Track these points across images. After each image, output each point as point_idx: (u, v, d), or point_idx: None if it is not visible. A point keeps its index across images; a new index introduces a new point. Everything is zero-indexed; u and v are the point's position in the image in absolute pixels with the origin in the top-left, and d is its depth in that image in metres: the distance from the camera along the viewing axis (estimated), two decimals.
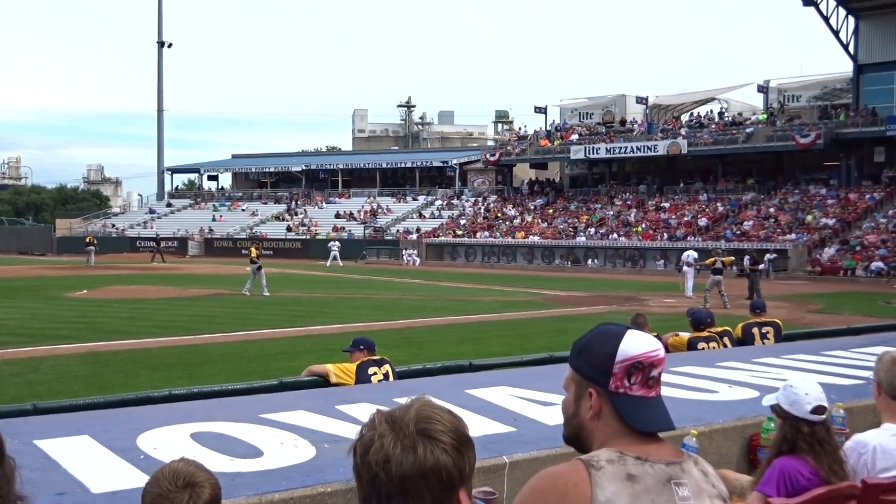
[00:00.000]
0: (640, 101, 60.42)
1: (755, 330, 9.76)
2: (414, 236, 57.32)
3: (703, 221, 49.01)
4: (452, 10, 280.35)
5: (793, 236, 43.99)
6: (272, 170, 77.97)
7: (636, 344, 2.01)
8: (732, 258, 30.26)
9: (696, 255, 31.55)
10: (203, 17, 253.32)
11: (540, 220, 55.92)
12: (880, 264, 38.94)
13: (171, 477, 2.12)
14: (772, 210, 48.51)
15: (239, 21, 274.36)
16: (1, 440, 1.80)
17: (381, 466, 1.65)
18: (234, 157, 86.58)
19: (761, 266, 33.85)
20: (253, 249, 30.66)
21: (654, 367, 2.02)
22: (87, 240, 52.56)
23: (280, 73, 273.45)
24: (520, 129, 72.83)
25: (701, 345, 9.05)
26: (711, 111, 60.09)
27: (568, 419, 2.07)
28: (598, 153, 57.43)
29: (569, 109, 66.24)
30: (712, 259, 27.62)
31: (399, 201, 66.98)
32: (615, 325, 2.09)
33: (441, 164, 70.58)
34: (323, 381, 6.92)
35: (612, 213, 54.13)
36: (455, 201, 64.40)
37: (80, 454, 3.81)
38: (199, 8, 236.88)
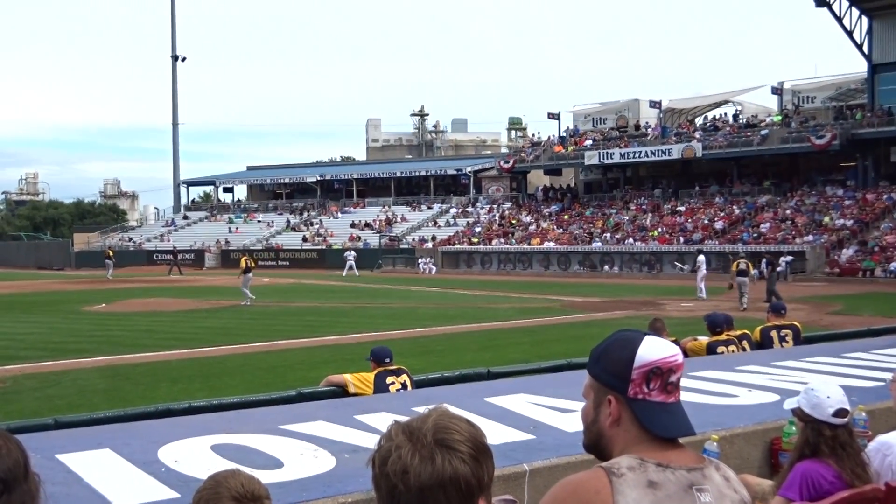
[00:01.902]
0: (654, 105, 60.26)
1: (774, 333, 9.70)
2: (429, 244, 57.34)
3: (719, 225, 48.81)
4: (463, 17, 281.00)
5: (810, 238, 43.73)
6: (287, 181, 78.25)
7: (654, 349, 2.00)
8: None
9: (702, 257, 32.14)
10: (216, 30, 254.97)
11: (555, 227, 55.85)
12: None
13: (238, 490, 2.06)
14: (788, 212, 48.26)
15: (251, 33, 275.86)
16: (25, 455, 1.81)
17: (400, 477, 1.65)
18: (248, 168, 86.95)
19: (778, 268, 33.93)
20: (244, 260, 31.53)
21: (673, 372, 2.00)
22: (107, 253, 53.43)
23: (293, 84, 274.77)
24: (533, 135, 72.76)
25: (720, 348, 9.01)
26: (725, 114, 59.89)
27: (588, 426, 2.07)
28: (612, 158, 57.31)
29: (582, 115, 66.15)
30: (735, 263, 28.04)
31: (414, 210, 67.06)
32: (633, 332, 2.09)
33: (455, 172, 70.64)
34: (341, 392, 6.94)
35: (627, 217, 53.99)
36: (470, 209, 64.40)
37: (101, 468, 3.83)
38: (212, 21, 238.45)
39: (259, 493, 2.09)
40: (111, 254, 53.85)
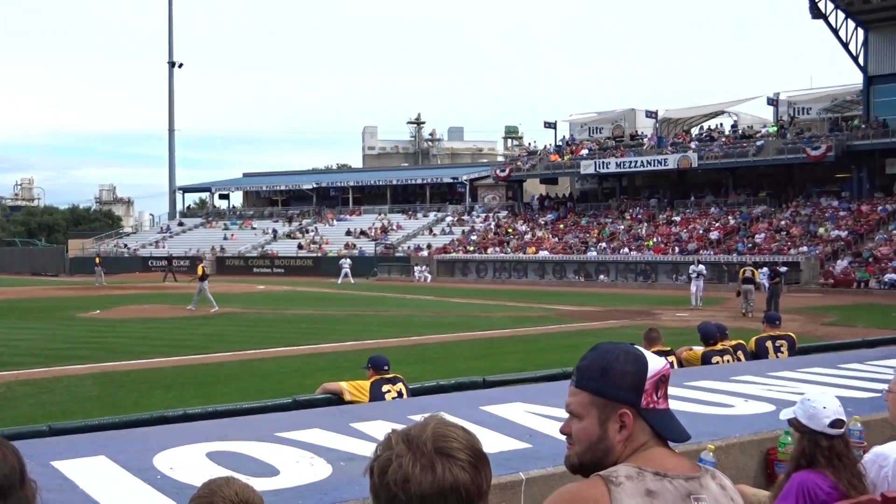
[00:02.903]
0: (650, 115, 60.41)
1: (769, 343, 9.72)
2: (425, 252, 57.34)
3: (714, 235, 48.88)
4: (461, 26, 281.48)
5: (805, 249, 43.82)
6: (283, 188, 78.21)
7: (655, 359, 2.05)
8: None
9: (702, 266, 32.63)
10: (213, 36, 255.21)
11: (550, 235, 55.88)
12: (894, 276, 38.75)
13: (233, 499, 2.07)
14: (783, 223, 48.34)
15: (248, 40, 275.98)
16: (22, 461, 1.80)
17: (401, 486, 1.64)
18: (245, 175, 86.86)
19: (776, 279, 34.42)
20: (201, 267, 32.67)
21: (668, 379, 2.06)
22: (97, 260, 53.33)
23: (290, 91, 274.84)
24: (529, 144, 72.93)
25: (715, 358, 9.05)
26: (721, 124, 60.03)
27: (592, 445, 2.02)
28: (608, 168, 57.40)
29: (578, 124, 66.29)
30: (742, 270, 29.39)
31: (410, 218, 67.06)
32: (621, 344, 2.10)
33: (451, 181, 70.66)
34: (337, 399, 6.93)
35: (622, 227, 54.05)
36: (466, 217, 64.43)
37: (96, 475, 3.82)
38: (209, 28, 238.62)
39: (254, 501, 2.10)
40: (99, 260, 53.59)
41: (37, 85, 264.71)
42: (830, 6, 48.23)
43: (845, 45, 49.66)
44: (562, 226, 57.44)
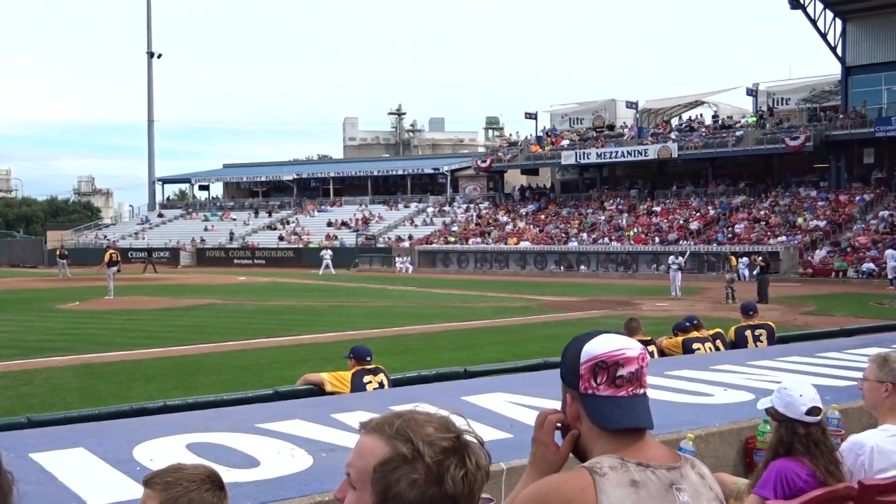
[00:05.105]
0: (630, 105, 60.53)
1: (748, 333, 9.80)
2: (406, 244, 57.29)
3: (694, 225, 49.12)
4: (442, 17, 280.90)
5: (784, 238, 44.11)
6: (263, 179, 77.85)
7: (601, 344, 2.00)
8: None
9: (681, 259, 32.93)
10: (192, 27, 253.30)
11: (532, 226, 55.97)
12: (871, 265, 39.09)
13: (201, 479, 2.10)
14: (762, 213, 48.64)
15: (229, 31, 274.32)
16: None
17: (482, 475, 1.68)
18: (225, 166, 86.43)
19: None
20: (109, 254, 34.06)
21: (621, 366, 1.98)
22: (59, 252, 52.00)
23: (270, 82, 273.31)
24: (510, 135, 72.85)
25: (696, 345, 9.13)
26: (701, 115, 60.23)
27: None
28: (588, 158, 57.52)
29: (559, 115, 66.34)
30: (734, 259, 31.14)
31: (391, 209, 66.95)
32: (592, 331, 2.10)
33: (432, 171, 70.59)
34: (318, 390, 6.92)
35: (603, 217, 54.21)
36: (447, 208, 64.40)
37: (75, 467, 3.80)
38: (188, 18, 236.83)
39: (219, 479, 2.15)
40: (61, 251, 52.33)
41: (14, 75, 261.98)
42: None
43: (823, 36, 49.94)
44: (543, 216, 57.54)
